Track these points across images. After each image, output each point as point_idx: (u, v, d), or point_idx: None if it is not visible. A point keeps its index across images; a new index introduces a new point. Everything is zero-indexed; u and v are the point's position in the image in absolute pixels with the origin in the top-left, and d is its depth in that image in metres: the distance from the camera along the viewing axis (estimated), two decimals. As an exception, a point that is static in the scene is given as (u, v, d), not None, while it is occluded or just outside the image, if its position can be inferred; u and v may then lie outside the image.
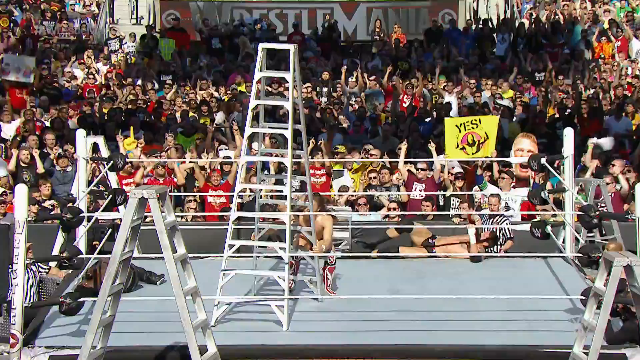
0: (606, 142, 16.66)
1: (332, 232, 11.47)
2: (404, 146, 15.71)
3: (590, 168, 15.54)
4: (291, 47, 10.43)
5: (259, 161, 11.39)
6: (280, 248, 10.41)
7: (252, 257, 11.10)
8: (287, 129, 10.40)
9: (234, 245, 10.49)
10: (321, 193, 12.88)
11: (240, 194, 14.00)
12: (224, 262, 10.41)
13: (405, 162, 15.33)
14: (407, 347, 9.55)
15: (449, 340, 9.65)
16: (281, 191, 11.23)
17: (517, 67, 22.09)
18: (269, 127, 11.22)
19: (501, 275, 11.98)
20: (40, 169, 16.00)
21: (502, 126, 17.17)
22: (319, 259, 10.96)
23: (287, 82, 10.65)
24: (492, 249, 13.20)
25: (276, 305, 10.24)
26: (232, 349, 9.32)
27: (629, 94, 20.40)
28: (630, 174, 15.36)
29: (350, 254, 12.61)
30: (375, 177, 15.35)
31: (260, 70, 10.45)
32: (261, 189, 11.70)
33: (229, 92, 20.70)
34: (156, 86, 21.36)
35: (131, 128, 17.47)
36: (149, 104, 20.05)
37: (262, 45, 10.52)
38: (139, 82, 21.55)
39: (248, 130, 10.58)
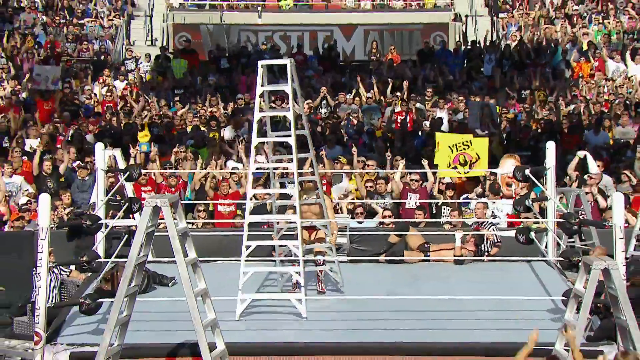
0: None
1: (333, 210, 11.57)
2: (402, 163, 15.78)
3: (572, 177, 15.57)
4: (288, 62, 10.54)
5: (271, 170, 11.42)
6: (293, 245, 10.50)
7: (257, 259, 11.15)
8: (290, 136, 10.49)
9: (250, 246, 10.49)
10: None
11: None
12: (242, 262, 10.42)
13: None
14: (405, 344, 9.57)
15: (443, 338, 9.66)
16: (287, 195, 11.40)
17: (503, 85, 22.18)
18: (275, 136, 11.26)
19: (489, 278, 11.99)
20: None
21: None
22: (332, 252, 11.18)
23: (289, 97, 10.70)
24: (480, 252, 13.22)
25: (296, 299, 10.34)
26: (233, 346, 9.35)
27: (606, 110, 20.44)
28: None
29: (361, 258, 12.71)
30: (371, 186, 15.36)
31: (262, 86, 10.53)
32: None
33: (235, 105, 20.78)
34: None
35: (145, 124, 17.52)
36: (162, 119, 20.09)
37: (261, 63, 10.60)
38: (153, 98, 21.58)
39: (255, 140, 10.64)
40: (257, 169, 11.44)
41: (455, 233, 13.12)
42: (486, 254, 13.17)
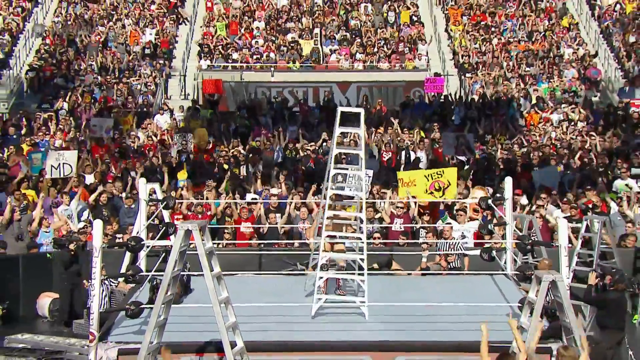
0: None
1: None
2: (389, 192, 15.86)
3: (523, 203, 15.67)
4: (361, 111, 10.63)
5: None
6: (360, 259, 10.51)
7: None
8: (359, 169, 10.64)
9: (324, 257, 10.52)
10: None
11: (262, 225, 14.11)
12: (318, 270, 10.42)
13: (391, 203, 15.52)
14: (394, 342, 9.61)
15: (424, 337, 9.71)
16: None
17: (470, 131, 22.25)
18: (341, 168, 11.24)
19: (459, 289, 11.95)
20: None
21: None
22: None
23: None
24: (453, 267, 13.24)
25: (361, 302, 10.36)
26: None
27: (552, 152, 20.48)
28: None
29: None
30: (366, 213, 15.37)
31: (339, 127, 10.62)
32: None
33: (251, 144, 20.88)
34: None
35: (184, 164, 17.60)
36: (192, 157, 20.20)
37: (340, 109, 10.71)
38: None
39: (333, 171, 10.59)
40: (337, 196, 10.91)
41: (421, 253, 13.19)
42: (457, 268, 13.20)
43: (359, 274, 10.64)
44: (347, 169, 11.13)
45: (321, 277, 10.49)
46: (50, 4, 31.39)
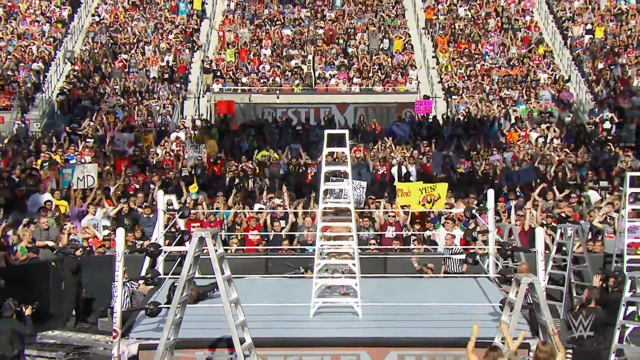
0: None
1: None
2: (383, 201, 15.88)
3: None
4: (346, 132, 10.65)
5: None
6: (352, 264, 10.51)
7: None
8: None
9: (320, 264, 10.52)
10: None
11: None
12: (315, 275, 10.40)
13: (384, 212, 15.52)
14: (387, 339, 9.60)
15: (415, 334, 9.70)
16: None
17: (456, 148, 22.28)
18: (333, 184, 11.15)
19: (447, 290, 11.97)
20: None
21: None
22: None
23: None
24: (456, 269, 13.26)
25: (355, 302, 10.36)
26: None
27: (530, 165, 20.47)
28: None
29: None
30: (362, 221, 15.40)
31: (327, 147, 10.72)
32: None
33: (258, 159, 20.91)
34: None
35: (195, 178, 17.65)
36: (206, 171, 20.21)
37: (327, 132, 10.73)
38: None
39: (323, 186, 10.59)
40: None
41: (411, 257, 13.22)
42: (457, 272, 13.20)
43: (353, 277, 10.63)
44: (339, 182, 11.08)
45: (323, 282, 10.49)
46: (79, 34, 31.57)
